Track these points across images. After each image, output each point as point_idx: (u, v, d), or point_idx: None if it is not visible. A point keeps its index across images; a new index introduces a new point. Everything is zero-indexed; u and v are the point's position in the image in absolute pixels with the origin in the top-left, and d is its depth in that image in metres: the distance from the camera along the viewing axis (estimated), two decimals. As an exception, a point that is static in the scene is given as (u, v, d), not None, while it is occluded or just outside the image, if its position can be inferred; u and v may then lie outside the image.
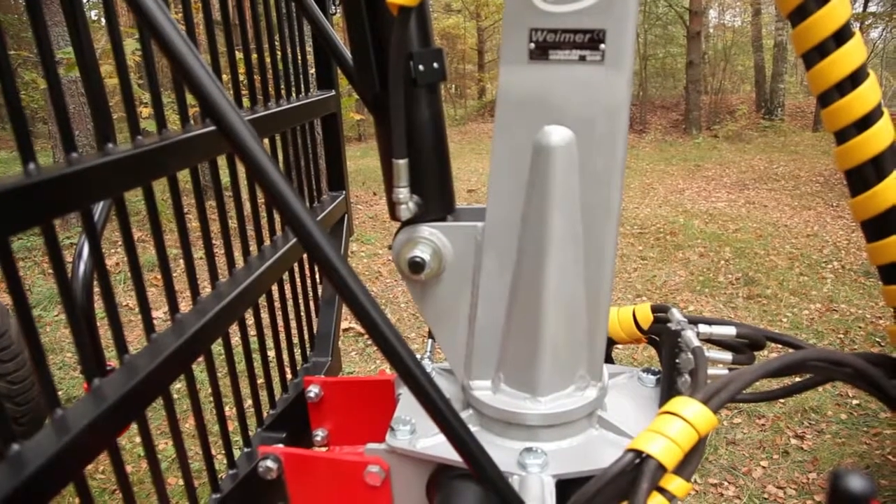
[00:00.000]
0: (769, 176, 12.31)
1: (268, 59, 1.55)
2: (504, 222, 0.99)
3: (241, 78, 1.41)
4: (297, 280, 1.79)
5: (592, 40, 0.89)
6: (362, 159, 14.03)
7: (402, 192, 0.97)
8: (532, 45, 0.90)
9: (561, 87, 0.91)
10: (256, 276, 1.37)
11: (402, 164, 0.95)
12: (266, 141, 1.50)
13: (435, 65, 0.96)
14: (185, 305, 1.15)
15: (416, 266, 1.00)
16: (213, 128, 1.16)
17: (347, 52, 1.37)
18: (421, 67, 0.95)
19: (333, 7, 1.88)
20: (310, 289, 1.89)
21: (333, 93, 1.93)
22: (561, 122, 0.92)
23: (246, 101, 1.53)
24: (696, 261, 7.51)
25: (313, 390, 1.39)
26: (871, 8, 22.37)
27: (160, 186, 1.10)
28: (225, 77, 1.43)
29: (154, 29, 0.69)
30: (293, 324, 1.74)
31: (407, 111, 0.96)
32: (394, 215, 1.01)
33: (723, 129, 17.87)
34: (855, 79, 0.89)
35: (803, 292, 6.46)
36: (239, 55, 1.41)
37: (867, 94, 0.89)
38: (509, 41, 0.91)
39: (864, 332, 5.50)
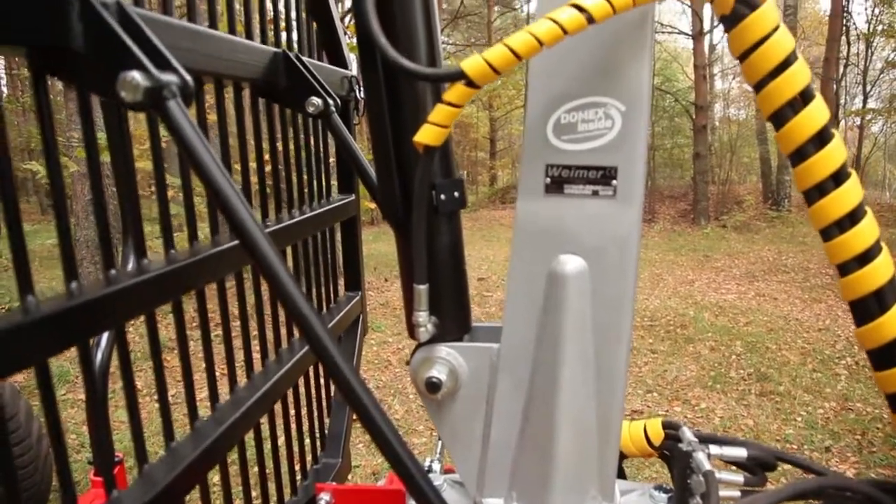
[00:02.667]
0: (778, 267, 12.33)
1: (294, 171, 1.63)
2: (519, 345, 1.02)
3: (268, 182, 1.49)
4: (312, 380, 1.81)
5: (605, 177, 0.95)
6: (374, 244, 14.21)
7: (422, 316, 1.01)
8: (548, 180, 0.96)
9: (575, 219, 0.96)
10: (275, 380, 1.40)
11: (422, 289, 1.00)
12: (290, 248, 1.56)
13: (456, 194, 1.02)
14: (201, 407, 1.18)
15: (433, 386, 1.03)
16: (237, 242, 1.22)
17: (370, 167, 1.45)
18: (443, 197, 1.01)
19: (357, 117, 1.98)
20: (323, 388, 1.90)
21: (353, 197, 2.01)
22: (575, 251, 0.97)
23: (272, 210, 1.60)
24: (707, 355, 7.44)
25: (324, 498, 1.39)
26: (871, 104, 22.99)
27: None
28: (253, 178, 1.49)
29: (190, 153, 0.75)
30: (305, 425, 1.74)
31: (428, 237, 1.02)
32: (413, 335, 1.05)
33: (731, 219, 18.04)
34: (854, 215, 0.93)
35: (817, 389, 6.36)
36: (267, 167, 1.49)
37: (866, 230, 0.94)
38: (527, 175, 0.98)
39: (883, 434, 5.38)
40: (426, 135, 0.90)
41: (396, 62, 0.88)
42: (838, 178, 0.93)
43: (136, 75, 0.72)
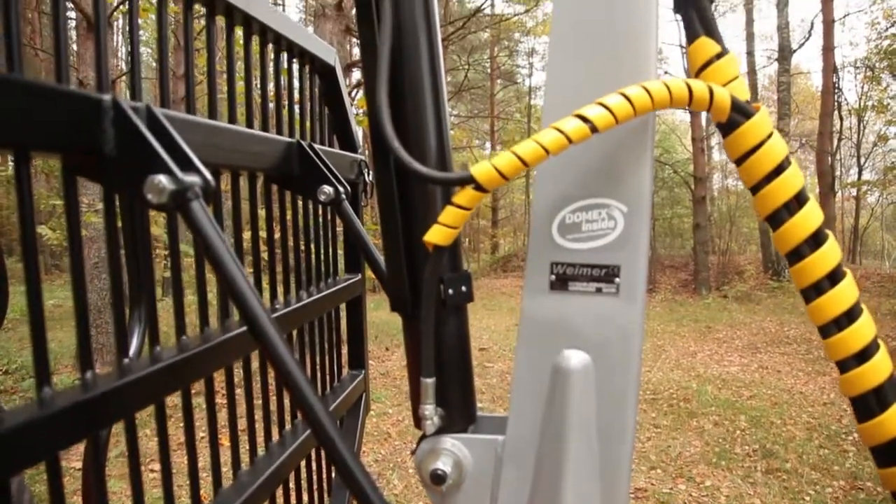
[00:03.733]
0: (781, 339, 12.27)
1: (303, 253, 1.66)
2: (524, 437, 1.03)
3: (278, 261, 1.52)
4: (313, 461, 1.80)
5: (608, 275, 0.98)
6: (375, 311, 14.18)
7: (429, 409, 1.03)
8: (553, 277, 0.99)
9: (579, 315, 0.99)
10: (278, 464, 1.39)
11: (429, 382, 1.02)
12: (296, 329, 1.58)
13: (463, 288, 1.05)
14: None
15: (438, 478, 1.03)
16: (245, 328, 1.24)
17: (377, 252, 1.49)
18: (451, 291, 1.04)
19: (366, 199, 2.03)
20: (325, 469, 1.89)
21: (360, 276, 2.04)
22: (579, 346, 0.99)
23: (281, 291, 1.63)
24: (711, 430, 7.33)
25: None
26: (866, 175, 23.37)
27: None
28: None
29: (209, 249, 0.79)
30: (307, 507, 1.72)
31: (435, 329, 1.04)
32: (419, 426, 1.06)
33: (732, 289, 18.05)
34: (851, 314, 0.96)
35: (825, 467, 6.23)
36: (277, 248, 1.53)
37: (864, 328, 0.97)
38: (532, 271, 1.01)
39: (893, 514, 5.24)
40: (436, 235, 0.93)
41: (409, 166, 0.92)
42: (834, 277, 0.96)
43: (162, 179, 0.76)
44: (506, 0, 21.86)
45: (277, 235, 1.53)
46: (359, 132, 2.06)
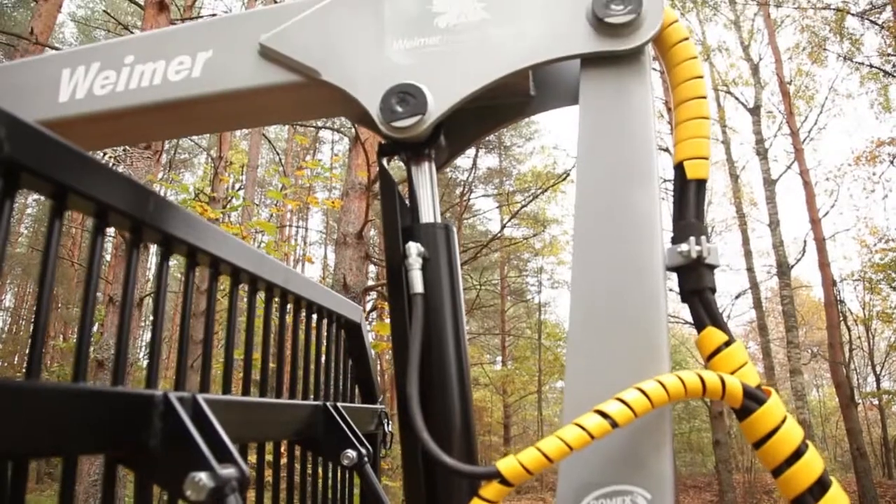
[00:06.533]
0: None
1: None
2: None
3: None
4: None
5: None
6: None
7: None
8: None
9: None
10: None
11: None
12: None
13: None
14: None
15: None
16: None
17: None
18: None
19: (384, 450, 2.03)
20: None
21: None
22: None
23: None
24: None
25: None
26: (885, 384, 22.96)
27: None
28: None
29: None
30: None
31: None
32: None
33: (764, 513, 16.93)
34: None
35: None
36: None
37: None
38: None
39: None
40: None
41: (438, 457, 0.96)
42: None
43: (203, 477, 0.79)
44: (514, 225, 23.21)
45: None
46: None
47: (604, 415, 0.92)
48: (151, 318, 1.08)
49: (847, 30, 18.26)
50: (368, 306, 10.91)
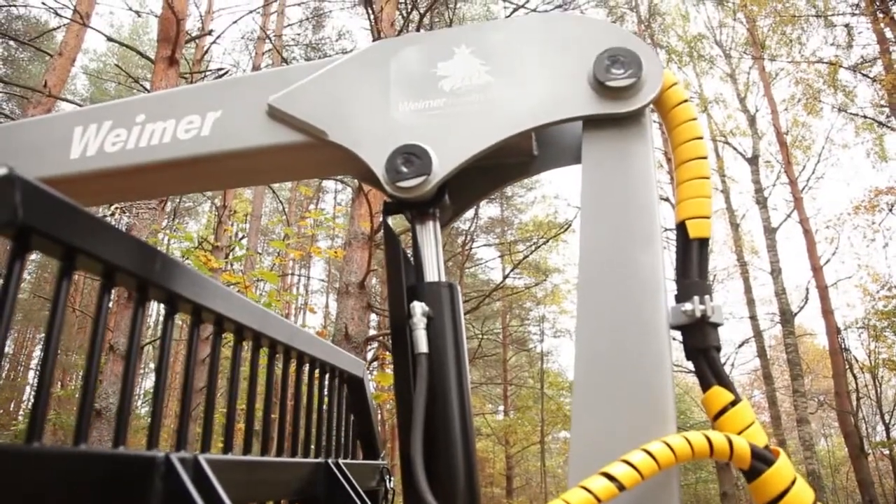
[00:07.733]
0: None
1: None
2: None
3: None
4: None
5: None
6: None
7: None
8: None
9: None
10: None
11: None
12: None
13: None
14: None
15: None
16: None
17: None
18: None
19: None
20: None
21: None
22: None
23: None
24: None
25: None
26: (895, 433, 22.54)
27: None
28: None
29: None
30: None
31: None
32: None
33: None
34: None
35: None
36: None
37: None
38: None
39: None
40: None
41: None
42: None
43: None
44: (516, 275, 23.26)
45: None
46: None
47: (611, 477, 0.91)
48: (153, 366, 1.08)
49: (840, 82, 18.61)
50: (370, 355, 10.84)
